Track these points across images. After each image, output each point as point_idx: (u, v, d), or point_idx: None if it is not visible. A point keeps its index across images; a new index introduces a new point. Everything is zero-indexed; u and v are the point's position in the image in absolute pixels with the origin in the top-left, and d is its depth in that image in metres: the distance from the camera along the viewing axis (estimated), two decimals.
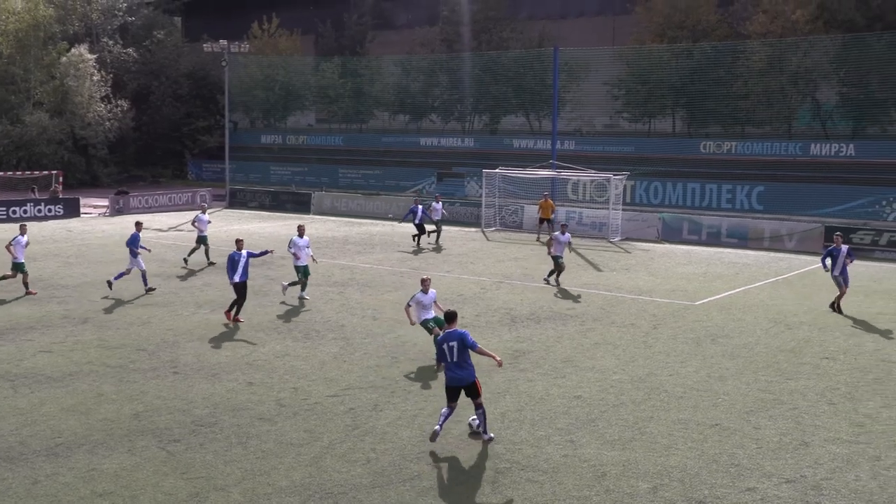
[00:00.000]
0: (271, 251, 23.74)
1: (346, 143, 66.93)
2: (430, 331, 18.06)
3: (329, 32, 74.67)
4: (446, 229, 40.53)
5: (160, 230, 41.46)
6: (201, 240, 31.02)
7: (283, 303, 24.01)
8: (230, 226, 43.27)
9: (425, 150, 62.16)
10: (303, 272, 24.53)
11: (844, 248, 23.53)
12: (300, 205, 51.17)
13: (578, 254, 34.94)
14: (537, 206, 39.76)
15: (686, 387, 16.59)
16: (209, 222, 31.78)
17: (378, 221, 45.87)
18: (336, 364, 18.00)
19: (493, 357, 13.71)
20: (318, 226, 43.74)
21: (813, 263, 32.90)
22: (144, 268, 25.78)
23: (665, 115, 57.89)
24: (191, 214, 48.57)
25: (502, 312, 23.02)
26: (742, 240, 37.81)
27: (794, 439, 13.89)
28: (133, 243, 25.56)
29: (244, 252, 21.73)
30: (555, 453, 13.22)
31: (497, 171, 43.98)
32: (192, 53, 72.94)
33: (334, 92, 67.08)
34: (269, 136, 70.99)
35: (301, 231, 24.86)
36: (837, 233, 24.62)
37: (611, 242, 38.54)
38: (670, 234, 39.20)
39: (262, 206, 52.32)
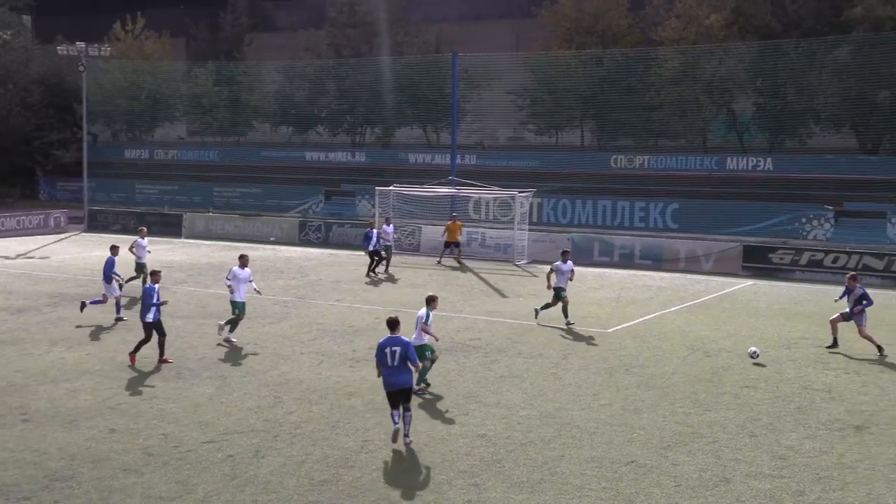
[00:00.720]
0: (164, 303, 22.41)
1: (222, 158, 66.16)
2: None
3: (202, 34, 73.92)
4: (338, 254, 40.38)
5: (7, 258, 40.16)
6: (140, 267, 30.33)
7: (219, 345, 23.09)
8: (90, 251, 42.21)
9: (311, 166, 61.89)
10: (240, 308, 23.48)
11: (860, 289, 22.99)
12: (169, 227, 50.32)
13: (482, 279, 35.25)
14: (444, 229, 39.73)
15: (599, 421, 16.86)
16: (148, 250, 31.10)
17: (259, 245, 45.39)
18: (212, 406, 17.69)
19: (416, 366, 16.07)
20: (191, 251, 43.09)
21: (731, 286, 33.93)
22: (120, 293, 26.44)
23: (573, 127, 59.14)
24: (44, 239, 47.28)
25: None
26: (656, 261, 38.78)
27: (714, 475, 14.25)
28: (109, 269, 26.20)
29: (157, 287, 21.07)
30: (457, 499, 13.25)
31: (391, 188, 44.10)
32: (44, 57, 71.15)
33: (208, 101, 66.38)
34: (135, 150, 69.67)
35: (244, 262, 23.76)
36: (851, 273, 24.12)
37: (516, 266, 38.99)
38: (580, 256, 39.84)
39: (125, 230, 51.05)
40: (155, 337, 20.97)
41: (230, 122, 67.35)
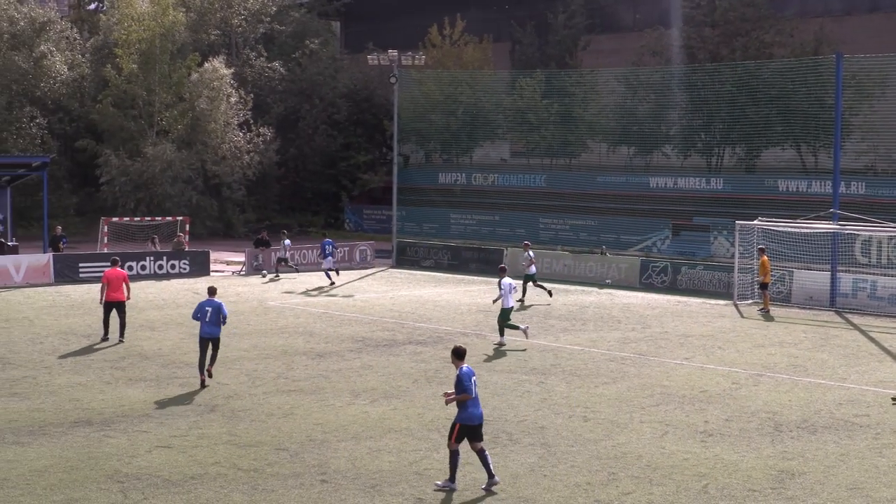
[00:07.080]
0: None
1: (550, 183, 67.24)
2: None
3: (530, 38, 75.78)
4: (687, 301, 39.87)
5: (309, 294, 42.77)
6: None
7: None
8: (397, 290, 44.17)
9: (656, 195, 61.57)
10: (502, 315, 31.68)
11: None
12: (488, 264, 51.74)
13: (871, 339, 33.62)
14: (758, 264, 39.98)
15: None
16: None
17: (590, 289, 45.71)
18: (532, 479, 17.92)
19: None
20: (528, 294, 43.59)
21: None
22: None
23: None
24: (348, 275, 49.74)
25: (762, 417, 22.36)
26: None
27: None
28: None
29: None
30: None
31: (755, 223, 43.07)
32: (352, 67, 75.57)
33: (535, 116, 67.50)
34: (450, 174, 72.32)
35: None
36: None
37: None
38: None
39: (438, 266, 53.25)
40: None
41: (561, 140, 67.86)
